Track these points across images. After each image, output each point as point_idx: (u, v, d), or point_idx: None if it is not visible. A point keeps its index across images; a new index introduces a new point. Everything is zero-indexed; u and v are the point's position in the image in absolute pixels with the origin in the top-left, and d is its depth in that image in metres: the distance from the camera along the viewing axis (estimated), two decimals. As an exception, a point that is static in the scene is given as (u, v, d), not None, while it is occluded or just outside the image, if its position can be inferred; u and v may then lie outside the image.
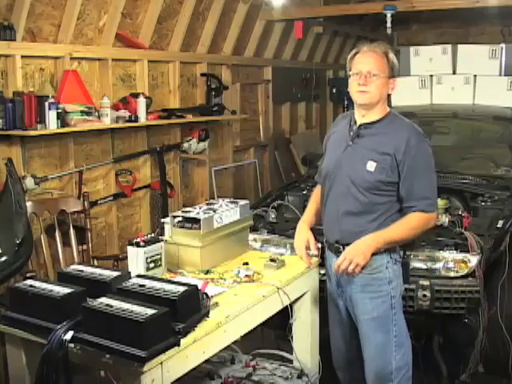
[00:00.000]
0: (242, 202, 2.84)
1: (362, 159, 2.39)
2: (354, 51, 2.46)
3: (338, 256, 2.44)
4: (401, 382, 2.50)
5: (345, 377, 2.77)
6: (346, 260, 2.34)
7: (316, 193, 2.73)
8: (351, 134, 2.47)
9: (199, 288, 2.07)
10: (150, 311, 1.80)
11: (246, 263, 2.62)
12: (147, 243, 2.39)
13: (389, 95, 2.47)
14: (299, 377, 2.69)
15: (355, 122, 2.48)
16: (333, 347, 2.75)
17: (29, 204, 3.19)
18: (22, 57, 3.54)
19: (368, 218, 2.40)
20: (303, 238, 2.58)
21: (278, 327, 2.89)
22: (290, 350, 2.77)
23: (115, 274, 2.16)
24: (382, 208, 2.40)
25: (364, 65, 2.38)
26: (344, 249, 2.42)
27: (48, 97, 3.54)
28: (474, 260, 2.93)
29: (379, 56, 2.40)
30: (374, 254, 2.38)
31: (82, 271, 2.21)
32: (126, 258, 2.50)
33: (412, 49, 5.47)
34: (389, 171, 2.36)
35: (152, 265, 2.39)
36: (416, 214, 2.36)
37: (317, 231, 2.64)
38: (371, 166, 2.37)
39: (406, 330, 2.52)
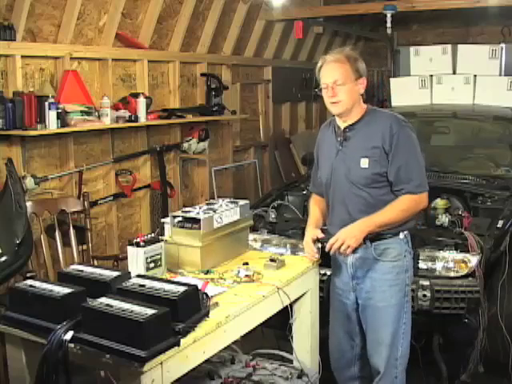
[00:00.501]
0: (242, 202, 2.84)
1: (355, 159, 2.48)
2: (319, 64, 2.54)
3: (357, 248, 2.50)
4: (402, 370, 2.59)
5: (342, 377, 2.78)
6: (339, 240, 2.44)
7: (314, 200, 2.81)
8: (339, 139, 2.56)
9: (199, 288, 2.06)
10: (150, 311, 1.80)
11: (246, 263, 2.61)
12: (147, 243, 2.38)
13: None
14: (299, 377, 2.69)
15: (339, 127, 2.57)
16: (332, 348, 2.77)
17: (29, 204, 3.19)
18: (22, 57, 3.54)
19: (377, 211, 2.46)
20: (310, 235, 2.64)
21: (278, 327, 2.89)
22: (290, 350, 2.77)
23: (115, 273, 2.16)
24: (387, 199, 2.47)
25: (328, 77, 2.47)
26: (364, 242, 2.49)
27: (48, 97, 3.54)
28: (474, 260, 2.93)
29: (342, 64, 2.47)
30: (393, 243, 2.49)
31: (81, 271, 2.21)
32: (126, 258, 2.50)
33: (412, 49, 5.47)
34: (381, 162, 2.44)
35: (152, 265, 2.39)
36: (406, 197, 2.44)
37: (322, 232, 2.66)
38: (364, 162, 2.46)
39: (410, 320, 2.60)
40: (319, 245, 2.64)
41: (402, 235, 2.51)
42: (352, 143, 2.52)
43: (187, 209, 2.73)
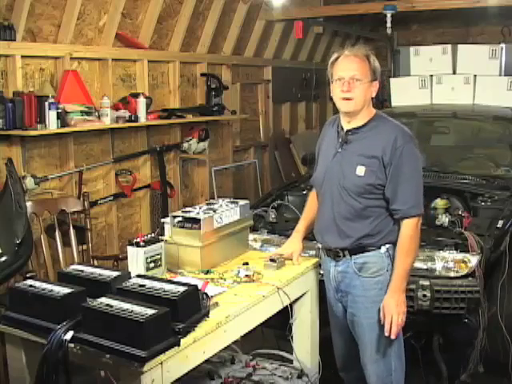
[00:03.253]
0: (242, 202, 2.84)
1: (352, 165, 2.39)
2: (335, 56, 2.42)
3: (338, 261, 2.48)
4: (399, 382, 2.52)
5: (348, 377, 2.77)
6: (394, 316, 2.34)
7: (311, 197, 2.76)
8: (340, 140, 2.46)
9: (199, 288, 2.07)
10: (150, 311, 1.80)
11: (246, 263, 2.62)
12: (147, 243, 2.38)
13: (373, 98, 2.44)
14: (299, 377, 2.69)
15: (342, 128, 2.46)
16: (336, 351, 2.75)
17: (29, 204, 3.19)
18: (22, 57, 3.54)
19: (363, 221, 2.40)
20: (290, 248, 2.67)
21: (278, 327, 2.89)
22: (290, 350, 2.77)
23: (115, 274, 2.16)
24: (375, 211, 2.39)
25: (347, 70, 2.34)
26: (344, 254, 2.45)
27: (48, 97, 3.54)
28: (474, 260, 2.93)
29: (361, 60, 2.35)
30: (374, 257, 2.41)
31: (82, 271, 2.21)
32: (126, 258, 2.50)
33: (412, 49, 5.48)
34: (378, 174, 2.35)
35: (152, 265, 2.39)
36: (402, 234, 2.36)
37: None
38: (360, 170, 2.36)
39: (402, 334, 2.51)
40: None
41: (383, 249, 2.41)
42: (352, 147, 2.41)
43: (187, 209, 2.73)
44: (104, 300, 1.91)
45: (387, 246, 2.41)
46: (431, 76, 5.22)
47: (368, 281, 2.43)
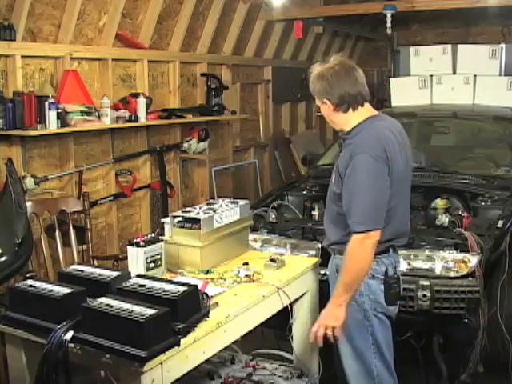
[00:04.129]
0: (242, 202, 2.84)
1: (334, 171, 2.44)
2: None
3: (335, 256, 2.48)
4: None
5: (342, 375, 2.76)
6: (321, 327, 2.28)
7: None
8: (340, 146, 2.55)
9: (199, 288, 2.07)
10: (150, 311, 1.80)
11: (246, 263, 2.62)
12: (147, 243, 2.39)
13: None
14: (299, 377, 2.69)
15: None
16: (334, 348, 2.75)
17: (29, 204, 3.19)
18: (22, 57, 3.54)
19: (337, 227, 2.42)
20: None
21: (278, 327, 2.89)
22: (290, 350, 2.77)
23: (115, 274, 2.16)
24: (344, 221, 2.33)
25: None
26: (334, 252, 2.48)
27: (48, 97, 3.54)
28: (473, 260, 2.93)
29: (310, 83, 2.41)
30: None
31: (82, 271, 2.21)
32: (126, 258, 2.50)
33: (412, 49, 5.47)
34: (338, 183, 2.35)
35: (152, 265, 2.39)
36: (347, 247, 2.26)
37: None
38: (333, 177, 2.43)
39: (387, 342, 2.41)
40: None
41: None
42: (341, 154, 2.44)
43: (187, 209, 2.73)
44: (104, 300, 1.91)
45: None
46: (431, 76, 5.22)
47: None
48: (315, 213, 3.73)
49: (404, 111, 4.81)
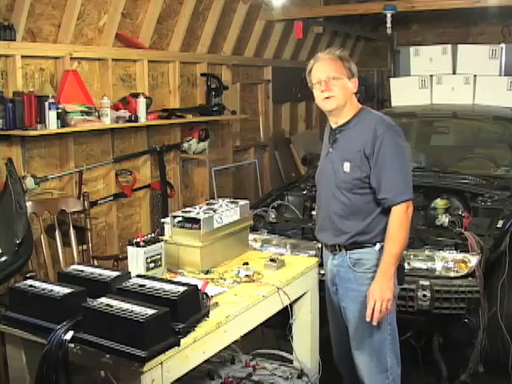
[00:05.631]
0: (242, 202, 2.84)
1: (340, 162, 2.45)
2: (310, 65, 2.51)
3: (335, 254, 2.50)
4: (395, 379, 2.51)
5: (343, 369, 2.77)
6: (377, 302, 2.32)
7: None
8: (330, 140, 2.54)
9: (199, 288, 2.07)
10: (150, 311, 1.80)
11: (246, 263, 2.62)
12: (147, 243, 2.38)
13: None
14: (299, 377, 2.69)
15: (331, 128, 2.55)
16: (333, 340, 2.76)
17: (29, 204, 3.19)
18: (22, 57, 3.54)
19: (356, 218, 2.43)
20: None
21: (278, 327, 2.89)
22: (290, 350, 2.77)
23: (115, 274, 2.16)
24: (367, 207, 2.42)
25: (322, 72, 2.44)
26: (341, 249, 2.48)
27: (48, 97, 3.54)
28: (473, 260, 2.93)
29: (334, 60, 2.45)
30: (368, 253, 2.43)
31: (82, 271, 2.21)
32: (126, 258, 2.50)
33: (412, 49, 5.47)
34: (362, 167, 2.39)
35: (152, 265, 2.39)
36: (393, 214, 2.36)
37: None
38: (346, 166, 2.43)
39: (396, 330, 2.52)
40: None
41: (378, 246, 2.42)
42: (340, 145, 2.48)
43: (187, 209, 2.73)
44: (104, 300, 1.91)
45: (382, 243, 2.42)
46: (431, 76, 5.21)
47: (361, 276, 2.45)
48: (315, 213, 3.74)
49: (404, 111, 4.81)
